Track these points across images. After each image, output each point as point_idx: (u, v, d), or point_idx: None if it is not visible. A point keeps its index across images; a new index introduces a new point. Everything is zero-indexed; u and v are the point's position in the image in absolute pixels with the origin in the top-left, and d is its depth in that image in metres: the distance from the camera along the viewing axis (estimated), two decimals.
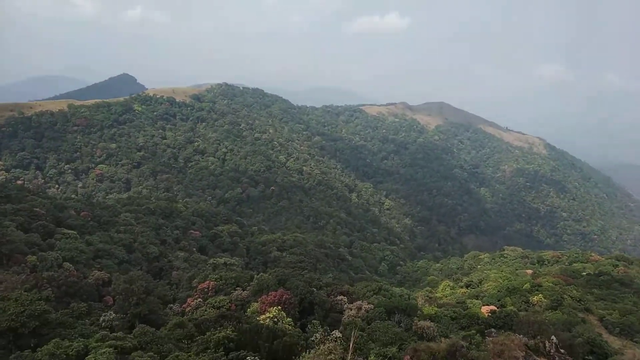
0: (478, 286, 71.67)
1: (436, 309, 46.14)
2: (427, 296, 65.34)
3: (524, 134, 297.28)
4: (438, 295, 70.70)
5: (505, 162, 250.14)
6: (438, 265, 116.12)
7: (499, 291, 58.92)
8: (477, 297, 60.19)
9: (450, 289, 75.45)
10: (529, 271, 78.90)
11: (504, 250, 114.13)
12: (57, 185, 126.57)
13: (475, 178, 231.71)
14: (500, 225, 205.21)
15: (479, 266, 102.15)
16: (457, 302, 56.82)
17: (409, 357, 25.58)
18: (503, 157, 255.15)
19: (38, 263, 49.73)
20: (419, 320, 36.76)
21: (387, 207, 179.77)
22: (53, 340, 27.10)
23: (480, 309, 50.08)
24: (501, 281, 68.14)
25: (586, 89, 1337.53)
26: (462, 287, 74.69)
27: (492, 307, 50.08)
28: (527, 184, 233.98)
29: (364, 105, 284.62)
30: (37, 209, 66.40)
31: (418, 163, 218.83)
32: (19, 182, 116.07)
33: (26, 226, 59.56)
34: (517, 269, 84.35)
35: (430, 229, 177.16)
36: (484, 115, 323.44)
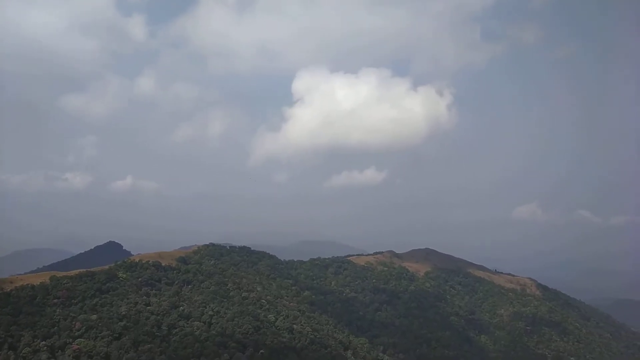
0: None
1: None
2: None
3: (514, 276, 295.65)
4: None
5: (501, 306, 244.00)
6: None
7: None
8: None
9: None
10: None
11: None
12: None
13: (472, 325, 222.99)
14: None
15: None
16: None
17: None
18: (497, 300, 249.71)
19: None
20: None
21: None
22: None
23: None
24: None
25: (561, 227, 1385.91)
26: None
27: None
28: (528, 327, 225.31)
29: (351, 256, 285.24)
30: None
31: (413, 313, 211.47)
32: None
33: None
34: None
35: None
36: (470, 258, 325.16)
